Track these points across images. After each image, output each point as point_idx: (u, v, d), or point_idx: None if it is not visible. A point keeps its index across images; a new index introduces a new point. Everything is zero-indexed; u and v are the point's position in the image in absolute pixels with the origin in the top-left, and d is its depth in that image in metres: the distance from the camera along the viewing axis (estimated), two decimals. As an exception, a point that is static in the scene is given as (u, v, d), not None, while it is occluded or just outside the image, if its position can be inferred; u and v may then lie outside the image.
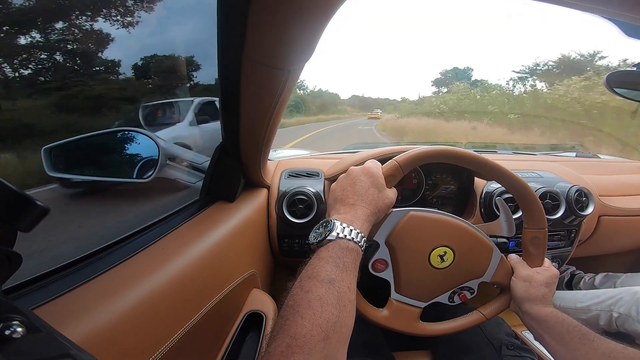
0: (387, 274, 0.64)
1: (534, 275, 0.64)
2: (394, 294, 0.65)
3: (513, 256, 0.70)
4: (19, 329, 0.23)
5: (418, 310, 0.66)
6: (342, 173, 0.98)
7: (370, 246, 0.63)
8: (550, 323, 0.60)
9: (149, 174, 0.66)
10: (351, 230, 0.49)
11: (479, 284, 0.67)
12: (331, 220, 0.50)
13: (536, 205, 0.65)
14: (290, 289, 0.43)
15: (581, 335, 0.57)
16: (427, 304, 0.66)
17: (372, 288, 0.69)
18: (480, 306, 0.70)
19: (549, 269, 0.67)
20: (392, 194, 0.59)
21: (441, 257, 0.63)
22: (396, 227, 0.62)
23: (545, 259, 0.68)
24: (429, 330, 0.67)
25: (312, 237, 0.50)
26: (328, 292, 0.41)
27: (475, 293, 0.68)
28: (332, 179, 1.00)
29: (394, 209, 0.62)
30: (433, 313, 0.69)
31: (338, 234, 0.48)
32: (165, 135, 1.04)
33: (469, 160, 0.63)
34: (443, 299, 0.67)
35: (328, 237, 0.48)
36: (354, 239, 0.48)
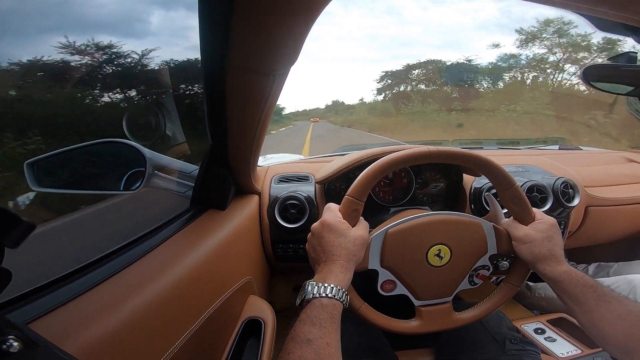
0: (400, 290, 0.65)
1: (532, 234, 0.62)
2: (417, 302, 0.66)
3: (505, 220, 0.68)
4: (15, 344, 0.22)
5: (448, 305, 0.67)
6: (332, 176, 0.99)
7: (372, 274, 0.64)
8: (564, 284, 0.58)
9: (137, 185, 0.65)
10: (325, 287, 0.53)
11: (489, 258, 0.66)
12: (307, 283, 0.54)
13: (494, 167, 0.65)
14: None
15: (597, 297, 0.55)
16: (452, 296, 0.67)
17: (395, 305, 0.69)
18: (506, 278, 0.69)
19: (542, 219, 0.64)
20: (360, 231, 0.61)
21: (438, 255, 0.64)
22: (383, 249, 0.63)
23: (535, 210, 0.66)
24: (469, 318, 0.67)
25: (297, 301, 0.54)
26: (306, 351, 0.45)
27: (491, 268, 0.67)
28: (322, 182, 1.00)
29: (373, 234, 0.63)
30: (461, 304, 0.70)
31: (313, 294, 0.52)
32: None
33: (418, 157, 0.64)
34: (464, 285, 0.67)
35: (305, 299, 0.52)
36: (328, 295, 0.52)
